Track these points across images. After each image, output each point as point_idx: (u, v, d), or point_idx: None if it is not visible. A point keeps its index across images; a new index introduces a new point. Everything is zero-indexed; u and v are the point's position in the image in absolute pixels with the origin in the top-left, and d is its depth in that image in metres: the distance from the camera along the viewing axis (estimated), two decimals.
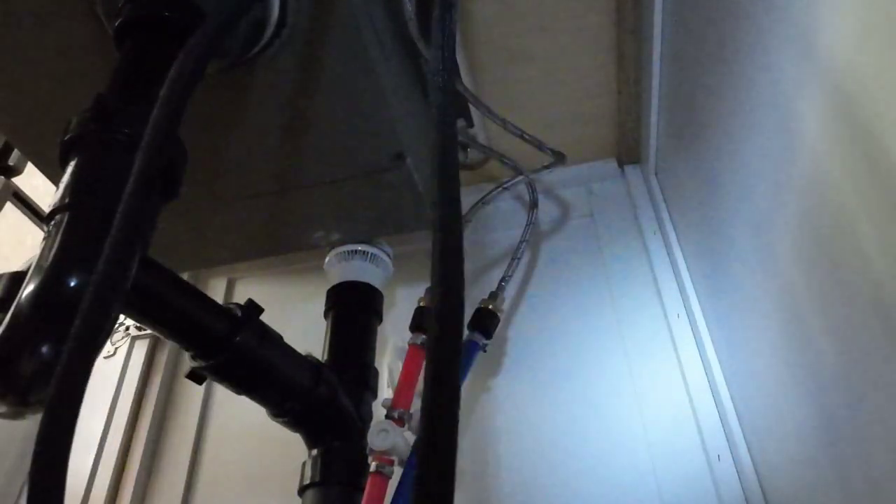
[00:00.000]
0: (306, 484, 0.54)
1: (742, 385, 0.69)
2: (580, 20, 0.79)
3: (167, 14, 0.42)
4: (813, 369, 0.48)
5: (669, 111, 0.81)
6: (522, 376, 0.85)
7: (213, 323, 0.47)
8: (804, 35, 0.40)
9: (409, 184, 0.62)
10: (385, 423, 0.54)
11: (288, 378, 0.52)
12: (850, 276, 0.40)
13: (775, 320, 0.54)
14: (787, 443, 0.57)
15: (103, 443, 0.91)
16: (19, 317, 0.30)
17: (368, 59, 0.52)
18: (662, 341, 0.82)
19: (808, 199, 0.44)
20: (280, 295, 1.03)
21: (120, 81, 0.40)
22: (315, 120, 0.57)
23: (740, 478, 0.68)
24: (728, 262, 0.66)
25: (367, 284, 0.68)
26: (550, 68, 0.85)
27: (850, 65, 0.36)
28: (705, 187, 0.70)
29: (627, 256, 0.91)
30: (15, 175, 0.82)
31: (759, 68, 0.49)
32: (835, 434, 0.46)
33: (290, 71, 0.52)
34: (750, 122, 0.53)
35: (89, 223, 0.34)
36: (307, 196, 0.65)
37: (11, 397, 0.30)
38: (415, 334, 0.63)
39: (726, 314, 0.71)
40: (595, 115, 0.93)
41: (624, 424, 0.77)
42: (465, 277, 0.25)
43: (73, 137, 0.37)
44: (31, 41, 0.51)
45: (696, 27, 0.64)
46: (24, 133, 0.59)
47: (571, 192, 1.00)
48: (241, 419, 0.91)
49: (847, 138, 0.37)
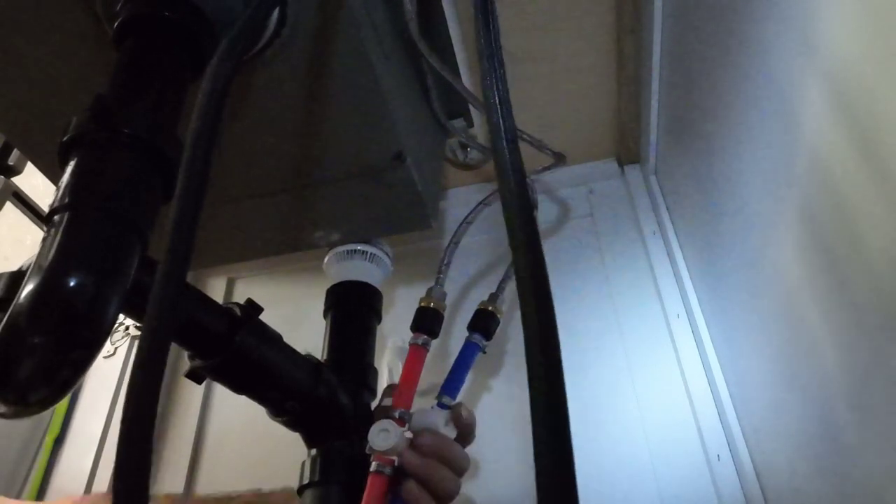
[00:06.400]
0: (306, 483, 0.54)
1: (742, 385, 0.69)
2: (580, 20, 0.79)
3: (167, 14, 0.41)
4: (813, 369, 0.48)
5: (669, 111, 0.81)
6: (522, 376, 0.85)
7: (213, 322, 0.47)
8: (804, 32, 0.40)
9: (409, 184, 0.62)
10: (386, 423, 0.54)
11: (288, 378, 0.52)
12: (851, 275, 0.40)
13: (775, 319, 0.54)
14: (787, 443, 0.57)
15: (103, 443, 0.91)
16: (18, 316, 0.30)
17: (368, 59, 0.52)
18: (662, 341, 0.82)
19: (808, 197, 0.44)
20: (280, 295, 1.03)
21: (120, 81, 0.40)
22: (315, 120, 0.57)
23: (740, 478, 0.68)
24: (728, 262, 0.66)
25: (367, 284, 0.68)
26: (550, 68, 0.85)
27: (850, 62, 0.36)
28: (705, 187, 0.70)
29: (627, 256, 0.91)
30: (15, 175, 0.82)
31: (759, 67, 0.49)
32: (835, 434, 0.46)
33: (290, 71, 0.52)
34: (750, 121, 0.53)
35: (89, 223, 0.34)
36: (307, 196, 0.65)
37: (11, 397, 0.30)
38: (415, 334, 0.63)
39: (726, 314, 0.71)
40: (595, 114, 0.93)
41: (623, 424, 0.77)
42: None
43: (73, 137, 0.37)
44: (31, 41, 0.51)
45: (695, 27, 0.64)
46: (24, 133, 0.59)
47: (571, 192, 1.00)
48: (240, 419, 0.91)
49: (848, 137, 0.37)
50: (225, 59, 0.36)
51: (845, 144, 0.38)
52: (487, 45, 0.33)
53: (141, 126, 0.37)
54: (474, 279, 0.94)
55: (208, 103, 0.34)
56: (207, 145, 0.33)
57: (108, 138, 0.37)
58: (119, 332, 1.02)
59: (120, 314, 0.35)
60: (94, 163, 0.36)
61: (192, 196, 0.33)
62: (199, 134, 0.33)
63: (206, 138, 0.33)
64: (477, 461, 0.80)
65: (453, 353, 0.63)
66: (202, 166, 0.33)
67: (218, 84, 0.35)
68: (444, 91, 0.74)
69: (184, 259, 0.32)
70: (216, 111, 0.34)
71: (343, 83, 0.53)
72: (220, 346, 0.47)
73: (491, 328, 0.65)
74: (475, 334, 0.64)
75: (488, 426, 0.83)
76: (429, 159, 0.71)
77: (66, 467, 0.90)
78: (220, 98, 0.35)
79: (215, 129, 0.34)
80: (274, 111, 0.56)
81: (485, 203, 0.78)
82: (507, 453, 0.79)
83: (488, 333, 0.65)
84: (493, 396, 0.84)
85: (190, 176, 0.33)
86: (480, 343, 0.64)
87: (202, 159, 0.33)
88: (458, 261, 0.71)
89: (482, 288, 0.92)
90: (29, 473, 0.89)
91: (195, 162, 0.33)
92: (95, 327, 0.32)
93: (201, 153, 0.33)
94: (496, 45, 0.34)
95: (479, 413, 0.81)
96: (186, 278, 0.33)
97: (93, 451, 0.90)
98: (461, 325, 0.66)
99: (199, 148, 0.33)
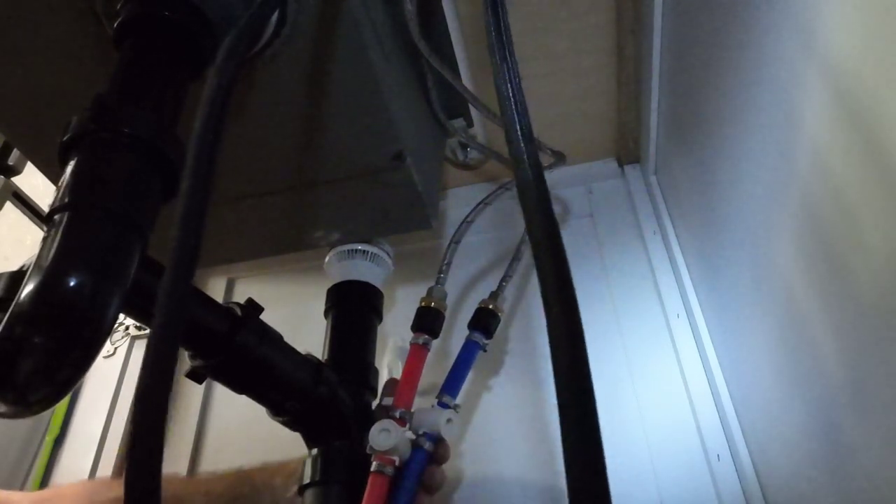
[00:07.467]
0: (306, 483, 0.54)
1: (742, 385, 0.69)
2: (580, 20, 0.79)
3: (167, 14, 0.41)
4: (813, 368, 0.48)
5: (669, 110, 0.80)
6: (522, 376, 0.85)
7: (213, 322, 0.47)
8: (804, 32, 0.40)
9: (409, 184, 0.62)
10: (387, 423, 0.54)
11: (288, 377, 0.52)
12: (852, 274, 0.40)
13: (776, 319, 0.54)
14: (787, 442, 0.57)
15: (103, 443, 0.91)
16: (18, 316, 0.30)
17: (368, 59, 0.52)
18: (662, 341, 0.82)
19: (808, 197, 0.44)
20: (280, 294, 1.03)
21: (119, 81, 0.40)
22: (315, 120, 0.57)
23: (740, 478, 0.68)
24: (728, 262, 0.66)
25: (368, 284, 0.68)
26: (550, 68, 0.85)
27: (850, 61, 0.36)
28: (705, 186, 0.70)
29: (627, 256, 0.91)
30: (15, 175, 0.82)
31: (759, 66, 0.49)
32: (835, 433, 0.46)
33: (290, 70, 0.52)
34: (750, 121, 0.53)
35: (89, 223, 0.34)
36: (307, 196, 0.65)
37: (11, 397, 0.30)
38: (416, 334, 0.63)
39: (726, 313, 0.71)
40: (595, 114, 0.93)
41: (623, 424, 0.77)
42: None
43: (73, 137, 0.37)
44: (31, 41, 0.51)
45: (695, 26, 0.64)
46: (24, 133, 0.59)
47: (571, 192, 1.00)
48: (240, 419, 0.91)
49: (848, 136, 0.37)
50: (229, 58, 0.36)
51: (846, 143, 0.38)
52: (499, 38, 0.33)
53: (141, 126, 0.37)
54: (475, 279, 0.94)
55: (213, 102, 0.34)
56: (213, 144, 0.33)
57: (108, 138, 0.37)
58: (119, 332, 1.02)
59: (120, 314, 0.35)
60: (95, 163, 0.36)
61: (199, 195, 0.33)
62: (205, 132, 0.33)
63: (212, 137, 0.33)
64: (477, 460, 0.80)
65: (454, 353, 0.63)
66: (208, 166, 0.33)
67: (223, 82, 0.35)
68: (444, 91, 0.74)
69: (191, 259, 0.32)
70: (221, 110, 0.34)
71: (343, 83, 0.53)
72: (220, 346, 0.47)
73: (492, 327, 0.65)
74: (476, 333, 0.64)
75: (489, 426, 0.83)
76: (429, 159, 0.71)
77: (66, 467, 0.90)
78: (226, 96, 0.35)
79: (220, 127, 0.34)
80: (274, 111, 0.56)
81: (485, 203, 0.78)
82: (508, 453, 0.79)
83: (489, 332, 0.65)
84: (493, 396, 0.84)
85: (196, 175, 0.33)
86: (481, 342, 0.64)
87: (208, 158, 0.33)
88: (459, 260, 0.71)
89: (483, 288, 0.92)
90: (29, 473, 0.89)
91: (201, 161, 0.33)
92: (95, 327, 0.32)
93: (207, 152, 0.33)
94: (507, 37, 0.33)
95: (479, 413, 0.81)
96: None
97: (93, 451, 0.90)
98: (462, 325, 0.66)
99: (204, 147, 0.33)
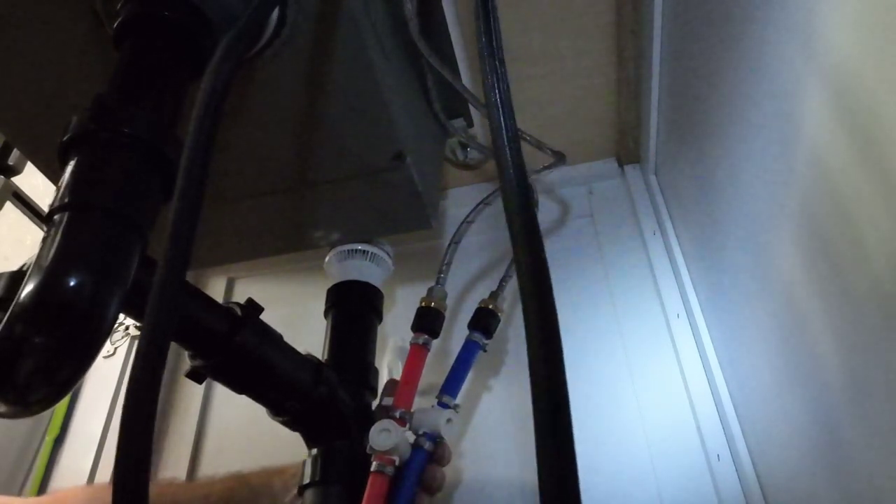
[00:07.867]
0: (306, 483, 0.54)
1: (742, 385, 0.69)
2: (580, 20, 0.79)
3: (167, 14, 0.41)
4: (813, 368, 0.48)
5: (669, 111, 0.81)
6: (522, 376, 0.84)
7: (213, 322, 0.47)
8: (804, 32, 0.40)
9: (409, 184, 0.62)
10: (387, 423, 0.54)
11: (288, 377, 0.52)
12: (852, 274, 0.40)
13: (775, 319, 0.54)
14: (787, 442, 0.57)
15: (103, 443, 0.91)
16: (18, 316, 0.30)
17: (368, 59, 0.52)
18: (662, 341, 0.82)
19: (808, 197, 0.44)
20: (280, 295, 1.03)
21: (119, 81, 0.40)
22: (315, 120, 0.57)
23: (740, 478, 0.68)
24: (728, 262, 0.66)
25: (368, 284, 0.68)
26: (550, 68, 0.85)
27: (850, 61, 0.36)
28: (705, 186, 0.70)
29: (627, 256, 0.91)
30: (15, 175, 0.82)
31: (759, 66, 0.49)
32: (835, 433, 0.46)
33: (290, 71, 0.52)
34: (750, 121, 0.53)
35: (89, 223, 0.34)
36: (307, 196, 0.65)
37: (11, 397, 0.30)
38: (416, 334, 0.63)
39: (726, 314, 0.71)
40: (595, 115, 0.93)
41: (623, 424, 0.77)
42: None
43: (73, 137, 0.37)
44: (31, 41, 0.51)
45: (695, 26, 0.64)
46: (24, 133, 0.59)
47: (571, 192, 1.00)
48: (240, 419, 0.91)
49: (848, 136, 0.37)
50: (224, 59, 0.36)
51: (845, 144, 0.38)
52: (489, 44, 0.33)
53: (141, 126, 0.37)
54: (475, 279, 0.94)
55: (208, 103, 0.34)
56: (206, 145, 0.33)
57: (108, 138, 0.37)
58: (119, 332, 1.02)
59: (120, 314, 0.35)
60: (94, 162, 0.36)
61: (192, 196, 0.33)
62: (199, 134, 0.33)
63: (205, 138, 0.33)
64: (477, 460, 0.80)
65: (454, 353, 0.63)
66: (201, 166, 0.33)
67: (218, 84, 0.35)
68: (444, 91, 0.74)
69: (183, 259, 0.32)
70: (215, 111, 0.34)
71: (343, 83, 0.53)
72: (220, 346, 0.47)
73: (491, 326, 0.65)
74: (476, 333, 0.64)
75: (488, 426, 0.83)
76: (429, 159, 0.71)
77: (66, 467, 0.90)
78: (220, 98, 0.35)
79: (214, 129, 0.34)
80: (274, 111, 0.56)
81: (485, 202, 0.78)
82: (508, 453, 0.79)
83: (489, 332, 0.65)
84: (493, 396, 0.84)
85: (189, 176, 0.33)
86: (481, 341, 0.64)
87: (201, 159, 0.33)
88: (459, 260, 0.71)
89: (483, 288, 0.92)
90: (29, 473, 0.89)
91: (194, 162, 0.33)
92: (95, 327, 0.32)
93: (200, 153, 0.33)
94: (497, 44, 0.34)
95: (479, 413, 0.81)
96: (186, 278, 0.33)
97: (93, 451, 0.90)
98: (462, 325, 0.66)
99: (198, 148, 0.33)
